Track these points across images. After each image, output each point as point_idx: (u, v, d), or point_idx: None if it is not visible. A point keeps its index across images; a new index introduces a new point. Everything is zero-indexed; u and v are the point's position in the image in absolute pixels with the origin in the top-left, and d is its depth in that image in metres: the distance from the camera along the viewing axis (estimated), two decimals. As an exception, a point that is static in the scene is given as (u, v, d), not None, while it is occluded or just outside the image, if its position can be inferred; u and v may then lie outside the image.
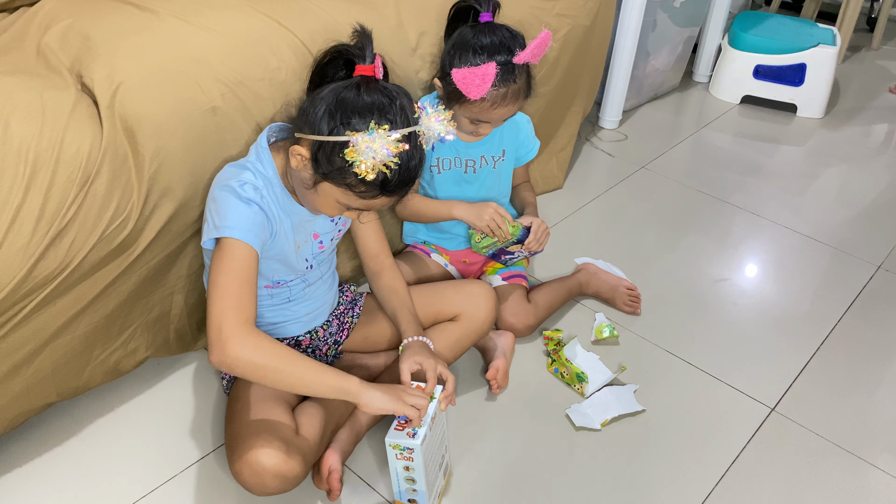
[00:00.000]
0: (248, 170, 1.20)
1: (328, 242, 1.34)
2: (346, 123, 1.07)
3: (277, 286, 1.31)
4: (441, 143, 1.16)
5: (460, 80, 1.39)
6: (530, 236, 1.57)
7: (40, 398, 1.27)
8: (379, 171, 1.06)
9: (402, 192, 1.14)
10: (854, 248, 2.06)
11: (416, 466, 1.18)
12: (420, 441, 1.15)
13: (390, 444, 1.17)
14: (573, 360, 1.55)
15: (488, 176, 1.65)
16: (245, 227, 1.14)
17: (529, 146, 1.72)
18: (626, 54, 2.39)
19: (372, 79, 1.13)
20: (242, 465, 1.16)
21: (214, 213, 1.16)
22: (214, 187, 1.19)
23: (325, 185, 1.13)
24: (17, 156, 1.09)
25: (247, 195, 1.16)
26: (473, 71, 1.37)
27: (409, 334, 1.33)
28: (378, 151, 1.04)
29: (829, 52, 2.67)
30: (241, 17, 1.39)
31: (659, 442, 1.45)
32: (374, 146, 1.04)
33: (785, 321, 1.78)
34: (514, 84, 1.43)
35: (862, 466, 1.44)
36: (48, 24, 1.34)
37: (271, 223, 1.20)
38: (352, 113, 1.08)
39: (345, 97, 1.09)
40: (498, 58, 1.41)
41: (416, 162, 1.12)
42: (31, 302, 1.13)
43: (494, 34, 1.43)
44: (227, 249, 1.13)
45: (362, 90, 1.10)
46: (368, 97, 1.09)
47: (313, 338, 1.41)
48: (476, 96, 1.39)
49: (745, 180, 2.34)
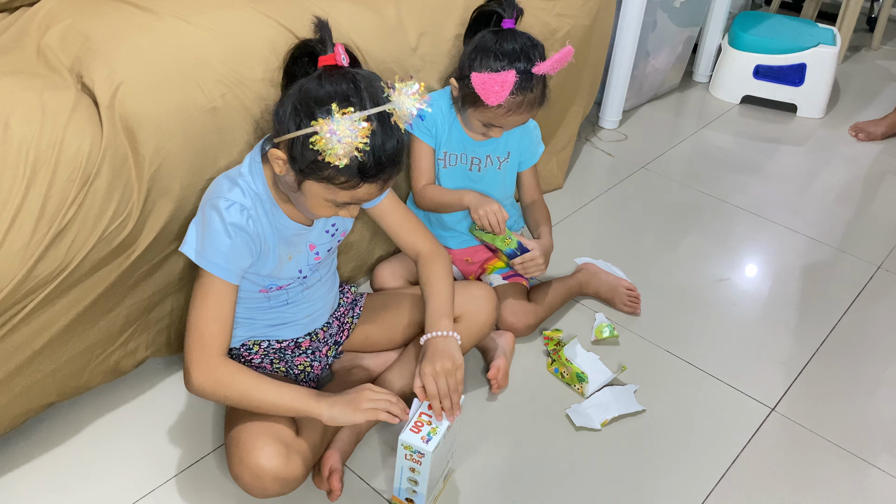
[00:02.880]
0: (239, 186, 1.18)
1: (325, 253, 1.32)
2: (310, 115, 1.05)
3: (276, 289, 1.30)
4: (420, 119, 1.11)
5: (479, 85, 1.39)
6: (518, 258, 1.57)
7: (40, 398, 1.27)
8: (352, 156, 1.03)
9: (385, 176, 1.10)
10: (854, 248, 2.06)
11: (423, 471, 1.18)
12: (433, 448, 1.15)
13: (403, 443, 1.17)
14: (573, 360, 1.55)
15: (493, 176, 1.65)
16: (224, 264, 1.15)
17: (535, 150, 1.72)
18: (626, 54, 2.39)
19: (334, 67, 1.10)
20: (242, 468, 1.16)
21: (199, 232, 1.17)
22: (205, 202, 1.18)
23: (308, 185, 1.11)
24: (17, 156, 1.09)
25: (232, 219, 1.14)
26: (493, 77, 1.37)
27: (428, 329, 1.28)
28: (343, 135, 1.01)
29: (829, 52, 2.67)
30: (241, 17, 1.39)
31: (659, 442, 1.45)
32: (339, 130, 1.01)
33: (785, 321, 1.78)
34: (531, 93, 1.44)
35: (862, 466, 1.44)
36: (48, 24, 1.34)
37: (258, 243, 1.19)
38: (315, 103, 1.06)
39: (307, 89, 1.08)
40: (518, 65, 1.41)
41: (394, 143, 1.08)
42: (31, 302, 1.12)
43: (516, 41, 1.43)
44: (206, 283, 1.17)
45: (323, 80, 1.08)
46: (330, 85, 1.07)
47: (313, 339, 1.41)
48: (494, 102, 1.39)
49: (746, 180, 2.34)
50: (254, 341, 1.35)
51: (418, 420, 1.19)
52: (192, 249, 1.17)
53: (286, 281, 1.29)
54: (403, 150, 1.12)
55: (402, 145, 1.11)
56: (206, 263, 1.15)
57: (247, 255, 1.18)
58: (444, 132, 1.59)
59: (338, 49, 1.12)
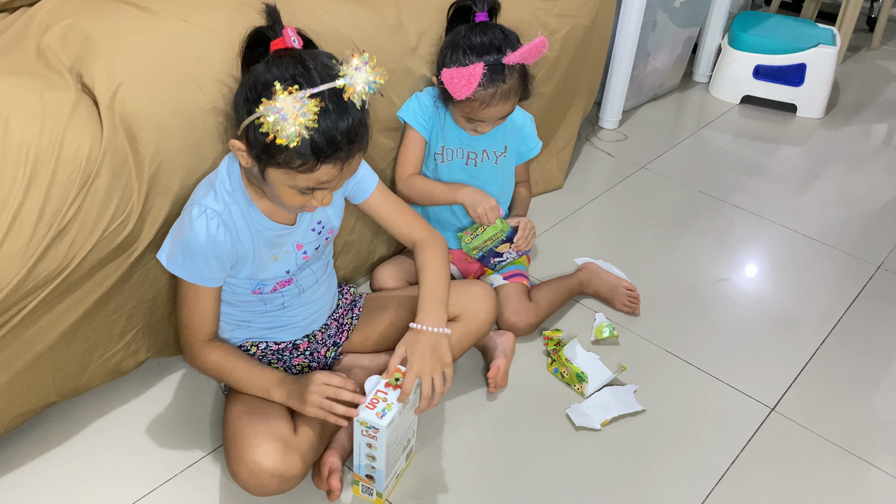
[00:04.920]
0: (214, 190, 1.17)
1: (312, 252, 1.31)
2: (257, 99, 1.03)
3: (270, 292, 1.29)
4: (370, 91, 1.05)
5: (448, 80, 1.41)
6: (518, 233, 1.60)
7: (40, 398, 1.27)
8: (302, 136, 1.00)
9: (342, 155, 1.06)
10: (854, 248, 2.06)
11: (379, 446, 1.19)
12: (386, 423, 1.17)
13: (358, 420, 1.18)
14: (573, 360, 1.55)
15: (491, 171, 1.65)
16: (195, 271, 1.18)
17: (531, 144, 1.73)
18: (626, 54, 2.39)
19: (283, 50, 1.08)
20: (240, 465, 1.16)
21: (173, 238, 1.18)
22: (185, 211, 1.18)
23: (269, 173, 1.09)
24: (17, 156, 1.09)
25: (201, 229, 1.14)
26: (460, 71, 1.39)
27: (420, 317, 1.26)
28: (288, 112, 0.98)
29: (829, 52, 2.67)
30: (241, 17, 1.38)
31: (659, 442, 1.45)
32: (284, 108, 0.98)
33: (785, 321, 1.78)
34: (504, 84, 1.44)
35: (862, 466, 1.44)
36: (48, 24, 1.34)
37: (233, 248, 1.18)
38: (262, 87, 1.04)
39: (256, 74, 1.06)
40: (487, 58, 1.42)
41: (348, 121, 1.05)
42: (31, 302, 1.12)
43: (485, 34, 1.44)
44: (183, 283, 1.21)
45: (271, 63, 1.06)
46: (277, 69, 1.05)
47: (311, 341, 1.41)
48: (461, 96, 1.41)
49: (745, 180, 2.34)
50: (251, 343, 1.35)
51: (374, 398, 1.20)
52: (164, 255, 1.19)
53: (273, 281, 1.28)
54: (361, 127, 1.08)
55: (358, 123, 1.07)
56: (178, 270, 1.18)
57: (216, 264, 1.18)
58: (437, 126, 1.59)
59: (286, 32, 1.09)
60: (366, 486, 1.27)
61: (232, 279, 1.25)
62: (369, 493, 1.28)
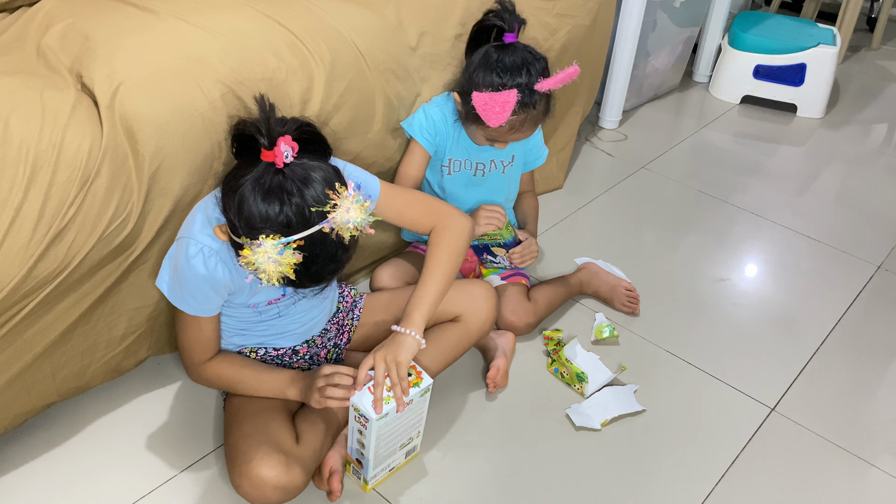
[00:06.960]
0: (210, 224, 1.15)
1: None
2: (242, 228, 1.03)
3: (266, 304, 1.28)
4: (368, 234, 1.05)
5: (481, 107, 1.40)
6: (517, 248, 1.62)
7: (41, 398, 1.27)
8: (282, 276, 1.01)
9: (325, 281, 1.08)
10: (854, 248, 2.06)
11: (369, 436, 1.20)
12: (377, 417, 1.17)
13: (352, 404, 1.19)
14: (573, 360, 1.55)
15: (497, 180, 1.65)
16: (195, 304, 1.19)
17: (538, 153, 1.73)
18: (626, 54, 2.39)
19: (273, 172, 1.02)
20: (242, 478, 1.16)
21: (173, 270, 1.18)
22: (179, 237, 1.17)
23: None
24: (17, 156, 1.09)
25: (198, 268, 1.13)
26: (494, 98, 1.38)
27: (403, 319, 1.23)
28: (266, 264, 0.99)
29: (829, 52, 2.67)
30: (241, 17, 1.39)
31: (659, 442, 1.45)
32: (260, 258, 0.99)
33: (785, 321, 1.78)
34: (534, 111, 1.44)
35: (862, 466, 1.44)
36: (48, 24, 1.34)
37: (229, 282, 1.17)
38: (248, 219, 1.02)
39: (243, 198, 1.03)
40: (520, 80, 1.41)
41: (333, 263, 1.06)
42: (31, 302, 1.12)
43: (517, 57, 1.43)
44: (187, 318, 1.22)
45: (258, 194, 1.01)
46: (263, 203, 1.01)
47: (311, 346, 1.40)
48: (495, 124, 1.40)
49: (746, 180, 2.34)
50: (250, 349, 1.35)
51: (370, 390, 1.19)
52: (165, 285, 1.20)
53: (266, 300, 1.28)
54: (343, 259, 1.08)
55: (339, 260, 1.07)
56: (180, 303, 1.19)
57: (216, 297, 1.19)
58: (449, 141, 1.59)
59: (278, 150, 1.02)
60: (355, 469, 1.30)
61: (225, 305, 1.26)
62: (357, 476, 1.30)
